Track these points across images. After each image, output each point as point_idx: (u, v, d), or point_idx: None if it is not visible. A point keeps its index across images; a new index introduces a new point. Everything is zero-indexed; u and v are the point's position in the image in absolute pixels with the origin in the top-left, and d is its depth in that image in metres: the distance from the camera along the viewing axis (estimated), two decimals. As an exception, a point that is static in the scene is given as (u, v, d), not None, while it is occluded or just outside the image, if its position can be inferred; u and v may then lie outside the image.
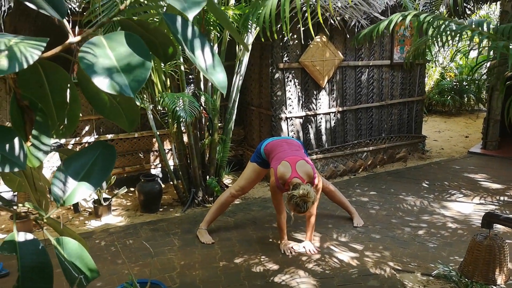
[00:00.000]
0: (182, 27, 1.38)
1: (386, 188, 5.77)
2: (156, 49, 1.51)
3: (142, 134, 5.80)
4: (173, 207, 5.31)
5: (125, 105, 1.62)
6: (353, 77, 6.41)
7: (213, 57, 1.42)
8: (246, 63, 5.40)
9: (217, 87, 1.39)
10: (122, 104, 1.60)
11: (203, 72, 1.37)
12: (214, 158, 5.33)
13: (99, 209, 4.95)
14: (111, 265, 3.94)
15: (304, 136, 6.09)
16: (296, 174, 3.80)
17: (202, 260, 4.01)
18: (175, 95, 4.39)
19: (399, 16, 3.31)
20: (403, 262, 3.89)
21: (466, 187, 5.76)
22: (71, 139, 5.45)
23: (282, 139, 4.35)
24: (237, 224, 4.75)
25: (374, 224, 4.70)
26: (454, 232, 4.47)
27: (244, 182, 4.39)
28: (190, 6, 1.11)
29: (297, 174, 3.80)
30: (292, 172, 3.80)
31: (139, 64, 1.19)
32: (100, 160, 1.37)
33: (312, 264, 3.91)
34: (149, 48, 1.51)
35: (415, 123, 7.22)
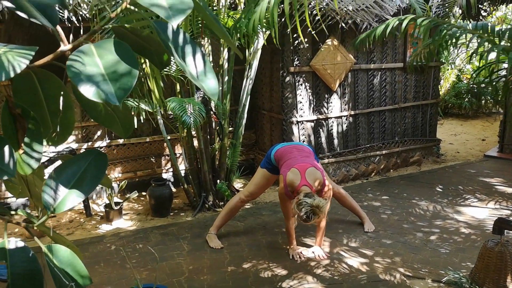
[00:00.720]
0: (173, 34, 1.38)
1: (398, 192, 5.70)
2: (151, 56, 1.50)
3: (154, 139, 5.83)
4: (184, 212, 5.32)
5: (120, 112, 1.62)
6: (365, 80, 6.36)
7: (204, 64, 1.42)
8: (256, 67, 5.40)
9: (207, 94, 1.38)
10: (117, 111, 1.61)
11: (193, 80, 1.36)
12: (224, 163, 5.34)
13: (110, 213, 4.99)
14: (120, 269, 3.96)
15: (316, 140, 6.06)
16: (305, 182, 3.76)
17: (210, 265, 4.01)
18: (182, 100, 4.40)
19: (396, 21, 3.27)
20: (413, 268, 3.83)
21: (481, 191, 5.65)
22: (84, 143, 5.50)
23: (293, 145, 4.31)
24: (247, 228, 4.74)
25: (386, 229, 4.64)
26: (467, 237, 4.39)
27: (254, 188, 4.37)
28: (174, 14, 1.11)
29: (306, 182, 3.76)
30: (301, 180, 3.76)
31: (126, 72, 1.18)
32: (92, 167, 1.37)
33: (320, 269, 3.87)
34: (144, 55, 1.51)
35: (429, 126, 7.13)
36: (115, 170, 5.72)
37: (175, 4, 1.15)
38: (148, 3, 1.11)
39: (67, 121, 1.50)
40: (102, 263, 4.07)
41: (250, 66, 5.35)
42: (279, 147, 4.24)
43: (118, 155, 5.74)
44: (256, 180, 4.36)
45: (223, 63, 5.19)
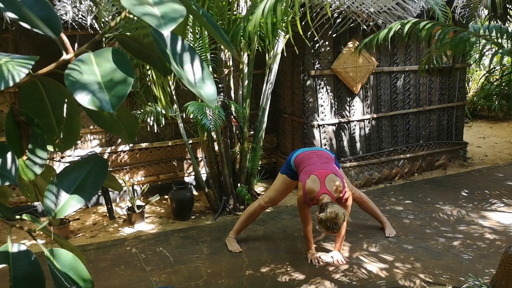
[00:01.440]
0: (172, 42, 1.40)
1: (422, 196, 5.60)
2: (155, 63, 1.53)
3: (176, 143, 5.90)
4: (205, 215, 5.36)
5: (124, 119, 1.65)
6: (388, 83, 6.28)
7: (202, 71, 1.43)
8: (276, 71, 5.40)
9: (205, 100, 1.40)
10: (122, 118, 1.64)
11: (190, 86, 1.38)
12: (245, 167, 5.35)
13: (132, 216, 5.06)
14: (140, 272, 4.01)
15: (337, 143, 6.01)
16: (325, 190, 3.72)
17: (229, 269, 4.02)
18: (201, 104, 4.44)
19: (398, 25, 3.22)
20: (434, 275, 3.75)
21: (508, 196, 5.50)
22: (107, 147, 5.61)
23: (312, 150, 4.28)
24: (267, 232, 4.73)
25: (407, 234, 4.56)
26: (491, 243, 4.27)
27: (274, 194, 4.36)
28: (166, 23, 1.12)
29: (326, 190, 3.72)
30: (321, 188, 3.73)
31: (121, 80, 1.21)
32: (93, 173, 1.40)
33: (339, 274, 3.84)
34: (149, 62, 1.54)
35: (455, 129, 6.98)
36: (138, 174, 5.81)
37: (168, 12, 1.17)
38: (140, 13, 1.13)
39: (72, 128, 1.54)
40: (123, 266, 4.14)
41: (270, 70, 5.35)
42: (299, 153, 4.22)
43: (141, 159, 5.82)
44: (276, 186, 4.35)
45: (243, 67, 5.21)
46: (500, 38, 2.88)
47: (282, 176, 4.29)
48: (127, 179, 5.72)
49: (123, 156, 5.73)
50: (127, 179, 5.71)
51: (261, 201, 4.41)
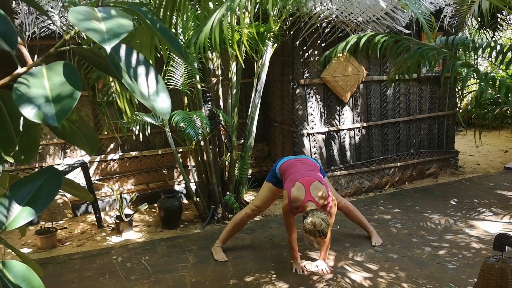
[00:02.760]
0: (126, 55, 1.41)
1: (411, 205, 5.60)
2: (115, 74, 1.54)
3: (166, 151, 5.91)
4: (194, 224, 5.36)
5: (85, 130, 1.66)
6: (378, 91, 6.30)
7: (157, 84, 1.44)
8: (264, 80, 5.42)
9: (158, 113, 1.41)
10: (82, 129, 1.65)
11: (143, 99, 1.39)
12: (233, 175, 5.36)
13: (120, 225, 5.07)
14: (124, 281, 4.01)
15: (327, 152, 6.02)
16: (310, 197, 3.72)
17: (213, 278, 4.02)
18: (187, 113, 4.46)
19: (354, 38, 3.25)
20: (418, 284, 3.75)
21: (497, 204, 5.50)
22: (96, 156, 5.63)
23: (297, 158, 4.30)
24: (254, 241, 4.73)
25: (394, 243, 4.56)
26: (477, 253, 4.27)
27: (260, 202, 4.36)
28: (109, 38, 1.14)
29: (311, 197, 3.72)
30: (306, 196, 3.73)
31: (69, 94, 1.22)
32: (46, 185, 1.41)
33: (322, 284, 3.84)
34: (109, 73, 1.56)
35: (446, 137, 6.98)
36: (127, 182, 5.82)
37: (113, 28, 1.18)
38: (84, 28, 1.14)
39: (31, 139, 1.55)
40: (108, 275, 4.13)
41: (258, 79, 5.38)
42: (283, 161, 4.23)
43: (131, 167, 5.84)
44: (262, 195, 4.36)
45: (232, 76, 5.24)
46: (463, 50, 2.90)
47: (268, 184, 4.30)
48: (117, 187, 5.73)
49: (113, 164, 5.75)
50: (116, 187, 5.72)
51: (247, 210, 4.41)
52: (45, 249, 4.75)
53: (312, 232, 3.50)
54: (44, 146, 5.40)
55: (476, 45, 2.80)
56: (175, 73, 4.77)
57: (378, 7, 5.64)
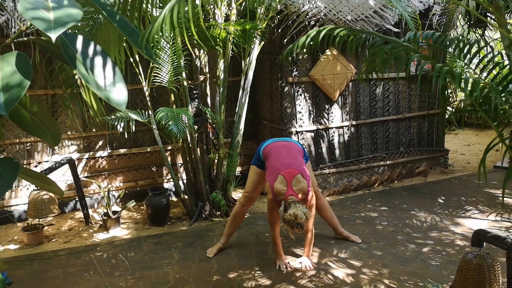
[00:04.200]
0: (83, 46, 1.42)
1: (399, 203, 5.62)
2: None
3: (155, 149, 5.92)
4: (181, 221, 5.37)
5: (47, 122, 1.67)
6: (367, 90, 6.32)
7: (114, 75, 1.46)
8: (251, 77, 5.42)
9: (114, 104, 1.42)
10: (44, 121, 1.66)
11: (99, 90, 1.40)
12: (221, 173, 5.37)
13: (107, 222, 5.07)
14: (108, 277, 4.02)
15: (316, 150, 6.04)
16: (291, 192, 3.74)
17: (197, 274, 4.03)
18: (171, 110, 4.47)
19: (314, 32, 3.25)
20: (399, 280, 3.77)
21: (484, 203, 5.52)
22: (85, 153, 5.64)
23: (281, 141, 4.30)
24: (239, 238, 4.74)
25: (378, 240, 4.57)
26: (461, 250, 4.28)
27: (249, 187, 4.38)
28: (56, 27, 1.15)
29: (292, 192, 3.74)
30: (287, 190, 3.75)
31: (18, 83, 1.23)
32: (4, 175, 1.42)
33: (305, 280, 3.85)
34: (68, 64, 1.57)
35: (436, 136, 7.00)
36: (116, 180, 5.83)
37: (61, 17, 1.19)
38: (30, 17, 1.16)
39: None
40: (92, 271, 4.14)
41: (246, 77, 5.38)
42: (268, 143, 4.23)
43: (119, 165, 5.85)
44: (250, 180, 4.37)
45: (220, 74, 5.25)
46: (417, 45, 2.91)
47: (253, 168, 4.32)
48: (105, 185, 5.73)
49: (101, 162, 5.76)
50: (105, 185, 5.73)
51: (241, 200, 4.46)
52: (32, 245, 4.76)
53: (291, 223, 3.55)
54: (32, 143, 5.40)
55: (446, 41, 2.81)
56: (161, 70, 4.78)
57: (366, 6, 5.64)
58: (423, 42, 3.11)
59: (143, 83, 5.02)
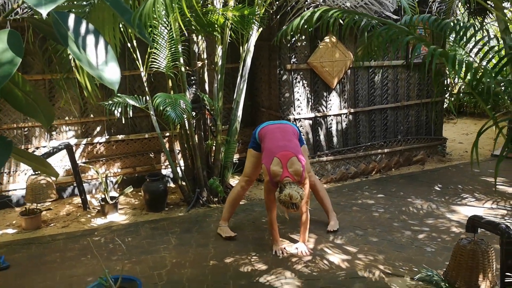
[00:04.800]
0: (75, 24, 1.42)
1: (395, 191, 5.64)
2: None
3: (153, 135, 5.92)
4: (179, 207, 5.38)
5: (40, 102, 1.68)
6: (365, 77, 6.31)
7: (106, 54, 1.45)
8: (249, 64, 5.41)
9: (106, 83, 1.42)
10: (37, 101, 1.66)
11: (91, 69, 1.40)
12: (218, 159, 5.38)
13: (105, 207, 5.09)
14: (105, 261, 4.04)
15: (314, 137, 6.04)
16: (287, 174, 3.81)
17: (193, 259, 4.06)
18: (168, 96, 4.47)
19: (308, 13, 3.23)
20: (394, 266, 3.79)
21: (480, 191, 5.54)
22: (83, 139, 5.64)
23: (277, 124, 4.34)
24: (236, 224, 4.76)
25: (375, 227, 4.60)
26: (456, 236, 4.30)
27: (248, 170, 4.43)
28: (46, 3, 1.15)
29: (288, 173, 3.81)
30: (283, 171, 3.82)
31: (9, 60, 1.23)
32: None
33: (301, 265, 3.88)
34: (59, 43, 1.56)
35: (434, 124, 7.00)
36: (114, 166, 5.84)
37: (52, -7, 1.19)
38: (20, -7, 1.15)
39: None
40: (89, 255, 4.17)
41: (244, 63, 5.37)
42: (263, 126, 4.30)
43: (117, 151, 5.85)
44: (248, 163, 4.43)
45: (218, 60, 5.23)
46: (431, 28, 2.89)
47: (250, 151, 4.38)
48: (103, 170, 5.74)
49: (99, 147, 5.76)
50: (103, 170, 5.73)
51: (241, 183, 4.49)
52: (30, 230, 4.78)
53: (286, 203, 3.64)
54: (30, 128, 5.40)
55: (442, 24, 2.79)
56: (159, 56, 4.76)
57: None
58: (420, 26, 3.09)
59: (141, 69, 5.01)
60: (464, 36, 2.80)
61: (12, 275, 3.89)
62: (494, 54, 2.97)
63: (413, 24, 2.90)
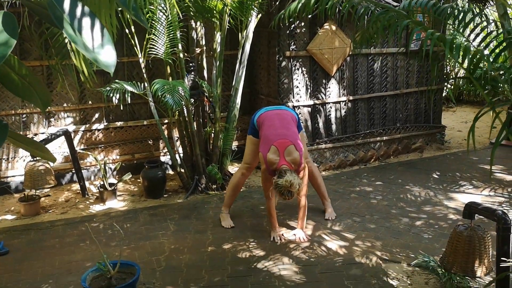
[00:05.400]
0: (71, 6, 1.41)
1: (394, 178, 5.65)
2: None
3: (151, 122, 5.91)
4: (178, 194, 5.40)
5: (37, 86, 1.67)
6: (365, 65, 6.28)
7: (102, 37, 1.44)
8: (248, 51, 5.38)
9: (102, 66, 1.42)
10: (34, 85, 1.66)
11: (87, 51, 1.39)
12: (217, 146, 5.38)
13: (104, 194, 5.10)
14: (104, 247, 4.05)
15: (313, 125, 6.03)
16: (284, 162, 3.81)
17: (192, 245, 4.08)
18: (167, 82, 4.45)
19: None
20: (391, 252, 3.82)
21: (478, 178, 5.55)
22: (81, 125, 5.63)
23: (275, 110, 4.32)
24: (235, 211, 4.76)
25: (372, 214, 4.62)
26: (453, 223, 4.31)
27: (248, 157, 4.43)
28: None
29: (285, 162, 3.81)
30: (280, 160, 3.81)
31: (4, 42, 1.23)
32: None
33: (298, 251, 3.90)
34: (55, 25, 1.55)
35: (433, 112, 6.99)
36: (113, 152, 5.84)
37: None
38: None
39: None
40: (88, 241, 4.19)
41: (243, 50, 5.34)
42: (262, 112, 4.28)
43: (116, 138, 5.85)
44: (248, 150, 4.42)
45: (216, 47, 5.21)
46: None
47: (249, 137, 4.38)
48: (102, 157, 5.75)
49: (98, 134, 5.76)
50: (101, 157, 5.74)
51: (242, 170, 4.49)
52: (29, 216, 4.79)
53: (283, 189, 3.62)
54: (28, 114, 5.40)
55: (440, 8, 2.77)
56: (157, 42, 4.74)
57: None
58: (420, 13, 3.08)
59: (139, 55, 4.98)
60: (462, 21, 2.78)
61: (11, 260, 3.91)
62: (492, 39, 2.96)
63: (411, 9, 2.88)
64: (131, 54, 5.51)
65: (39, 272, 3.69)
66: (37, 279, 3.58)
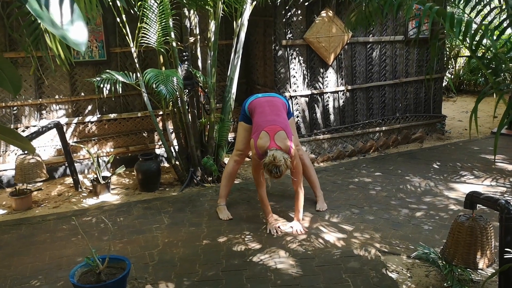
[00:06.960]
0: (36, -20, 1.29)
1: (393, 169, 5.54)
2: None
3: (145, 114, 5.80)
4: (173, 187, 5.29)
5: (8, 71, 1.58)
6: (363, 54, 6.15)
7: (72, 12, 1.33)
8: (243, 39, 5.25)
9: (72, 44, 1.30)
10: (5, 70, 1.56)
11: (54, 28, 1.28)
12: (212, 138, 5.26)
13: (97, 187, 5.00)
14: (96, 241, 3.97)
15: (311, 115, 5.92)
16: (274, 145, 3.78)
17: (186, 239, 3.97)
18: (159, 72, 4.33)
19: None
20: (391, 244, 3.71)
21: (479, 168, 5.44)
22: (74, 118, 5.51)
23: (266, 97, 4.29)
24: (231, 203, 4.66)
25: (371, 205, 4.51)
26: (454, 214, 4.21)
27: (240, 143, 4.37)
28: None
29: (275, 145, 3.78)
30: (270, 143, 3.79)
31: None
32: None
33: (295, 244, 3.79)
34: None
35: (433, 102, 6.88)
36: (106, 145, 5.73)
37: None
38: None
39: None
40: (80, 236, 4.07)
41: (238, 39, 5.21)
42: (252, 99, 4.25)
43: (110, 130, 5.73)
44: (239, 136, 4.38)
45: (210, 36, 5.08)
46: None
47: (241, 124, 4.35)
48: (96, 150, 5.63)
49: (91, 127, 5.64)
50: (95, 150, 5.63)
51: (234, 157, 4.44)
52: (20, 210, 4.69)
53: (270, 166, 3.58)
54: (19, 107, 5.28)
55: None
56: (149, 31, 4.61)
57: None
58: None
59: (131, 44, 4.85)
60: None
61: (1, 255, 3.81)
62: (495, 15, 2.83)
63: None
64: (124, 45, 5.39)
65: (28, 267, 3.59)
66: (26, 275, 3.47)
